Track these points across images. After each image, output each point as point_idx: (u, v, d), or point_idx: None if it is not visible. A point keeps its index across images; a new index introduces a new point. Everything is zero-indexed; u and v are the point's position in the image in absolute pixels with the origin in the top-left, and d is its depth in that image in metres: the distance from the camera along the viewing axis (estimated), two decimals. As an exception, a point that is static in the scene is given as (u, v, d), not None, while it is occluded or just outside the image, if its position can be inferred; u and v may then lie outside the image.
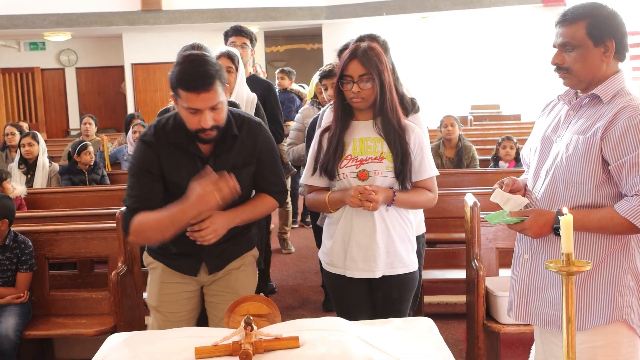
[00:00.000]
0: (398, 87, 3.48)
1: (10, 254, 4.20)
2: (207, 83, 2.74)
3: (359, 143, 3.08)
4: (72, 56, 16.86)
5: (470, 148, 7.07)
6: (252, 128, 3.06)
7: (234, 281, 3.19)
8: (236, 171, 2.88)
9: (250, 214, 3.10)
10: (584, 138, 2.45)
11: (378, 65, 3.03)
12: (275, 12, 14.23)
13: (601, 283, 2.49)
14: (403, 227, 3.15)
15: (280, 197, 3.22)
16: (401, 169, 3.03)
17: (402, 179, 3.05)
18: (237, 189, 2.76)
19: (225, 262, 3.17)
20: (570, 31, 2.48)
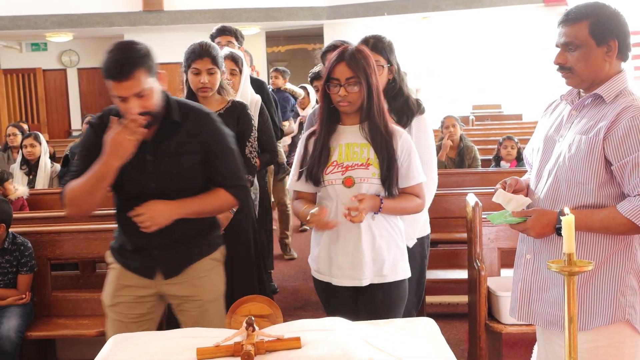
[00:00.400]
0: (403, 89, 3.50)
1: (10, 256, 4.20)
2: (126, 71, 2.76)
3: (344, 148, 3.02)
4: (73, 57, 16.88)
5: (472, 148, 7.06)
6: (198, 117, 3.03)
7: (197, 287, 3.11)
8: (176, 158, 2.92)
9: (199, 207, 3.02)
10: (586, 138, 2.45)
11: (365, 68, 2.96)
12: (276, 13, 14.24)
13: (604, 283, 2.49)
14: (391, 233, 3.09)
15: (236, 191, 3.10)
16: (387, 175, 2.97)
17: (388, 186, 2.98)
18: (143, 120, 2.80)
19: (180, 266, 3.09)
20: (573, 31, 2.48)
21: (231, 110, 3.95)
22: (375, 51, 3.39)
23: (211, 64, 3.82)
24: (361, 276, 3.03)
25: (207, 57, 3.80)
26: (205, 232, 3.15)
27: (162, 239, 2.99)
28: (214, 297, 3.15)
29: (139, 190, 2.95)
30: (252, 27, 14.89)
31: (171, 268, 3.09)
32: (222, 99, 3.98)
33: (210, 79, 3.83)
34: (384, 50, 3.46)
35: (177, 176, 2.95)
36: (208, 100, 3.90)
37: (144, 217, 2.88)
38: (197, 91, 3.86)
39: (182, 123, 2.96)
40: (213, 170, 3.05)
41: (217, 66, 3.86)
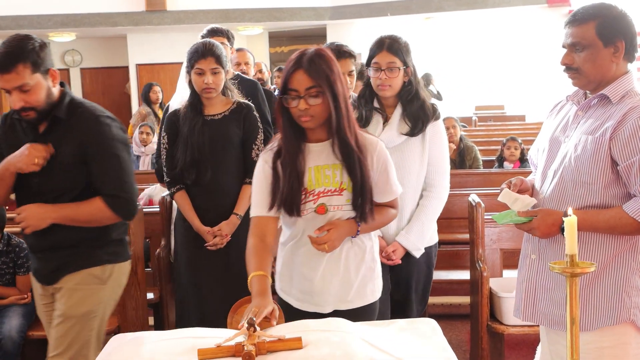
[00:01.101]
0: (420, 92, 3.44)
1: (6, 258, 4.19)
2: (7, 64, 2.76)
3: (314, 172, 2.62)
4: (76, 57, 16.89)
5: (472, 148, 7.05)
6: (84, 116, 2.95)
7: (63, 300, 3.02)
8: (54, 154, 2.91)
9: (72, 213, 2.91)
10: (592, 138, 2.45)
11: (328, 75, 2.53)
12: (279, 13, 14.23)
13: (609, 284, 2.49)
14: (358, 254, 2.74)
15: (113, 202, 2.92)
16: (360, 203, 2.61)
17: (360, 214, 2.63)
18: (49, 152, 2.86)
19: (56, 274, 3.02)
20: (580, 31, 2.48)
21: (236, 112, 3.84)
22: (391, 52, 3.35)
23: (215, 64, 3.70)
24: (322, 303, 2.74)
25: (210, 57, 3.69)
26: (91, 244, 3.02)
27: (40, 242, 2.97)
28: (80, 314, 3.01)
29: (27, 187, 2.95)
30: (255, 27, 14.89)
31: (46, 274, 3.04)
32: (226, 100, 3.87)
33: (214, 79, 3.72)
34: (400, 52, 3.38)
35: (53, 173, 2.91)
36: (212, 101, 3.81)
37: (19, 218, 2.88)
38: (201, 92, 3.75)
39: (65, 120, 2.92)
40: (90, 174, 2.94)
41: (222, 66, 3.74)
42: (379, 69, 3.37)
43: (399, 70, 3.36)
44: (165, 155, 3.84)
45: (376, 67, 3.38)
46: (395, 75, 3.36)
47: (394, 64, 3.35)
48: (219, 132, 3.76)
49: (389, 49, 3.36)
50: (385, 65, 3.35)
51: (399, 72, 3.36)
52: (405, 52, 3.40)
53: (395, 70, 3.35)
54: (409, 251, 3.44)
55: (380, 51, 3.38)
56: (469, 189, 5.35)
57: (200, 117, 3.76)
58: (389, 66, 3.35)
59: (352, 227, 2.64)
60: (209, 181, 3.74)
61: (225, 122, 3.80)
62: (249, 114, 3.88)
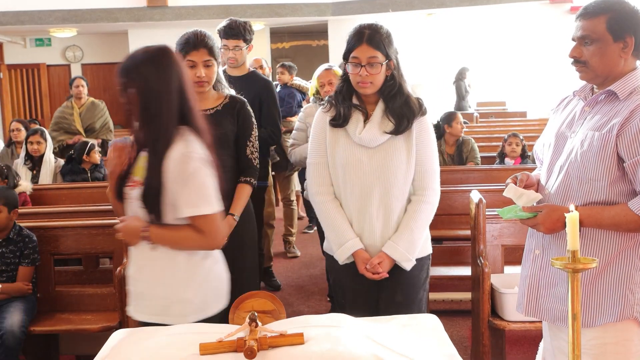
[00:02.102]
0: (403, 87, 3.14)
1: (14, 247, 4.21)
2: None
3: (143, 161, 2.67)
4: (77, 52, 16.87)
5: (469, 141, 7.04)
6: None
7: None
8: None
9: None
10: (599, 134, 2.45)
11: None
12: (281, 9, 14.21)
13: (612, 280, 2.49)
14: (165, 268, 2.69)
15: None
16: (147, 203, 2.61)
17: (150, 211, 2.62)
18: None
19: None
20: (590, 25, 2.48)
21: (229, 107, 3.65)
22: (372, 45, 3.02)
23: (208, 55, 3.48)
24: (141, 311, 2.79)
25: (203, 48, 3.47)
26: None
27: None
28: None
29: None
30: (257, 23, 14.86)
31: None
32: (218, 94, 3.68)
33: (207, 72, 3.49)
34: (382, 44, 3.04)
35: None
36: (204, 95, 3.57)
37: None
38: (193, 85, 3.42)
39: None
40: None
41: (214, 57, 3.53)
42: (358, 64, 3.04)
43: (381, 65, 3.04)
44: None
45: (355, 62, 3.05)
46: (377, 71, 3.04)
47: (376, 58, 3.03)
48: (211, 127, 3.45)
49: (370, 42, 3.03)
50: (366, 60, 3.03)
51: (381, 67, 3.05)
52: (387, 43, 3.06)
53: (377, 65, 3.03)
54: (398, 262, 3.11)
55: (359, 44, 3.04)
56: (470, 185, 5.35)
57: None
58: (370, 61, 3.03)
59: (137, 226, 2.64)
60: None
61: (218, 117, 3.58)
62: (242, 109, 3.69)
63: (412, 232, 3.10)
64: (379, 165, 2.97)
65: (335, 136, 3.15)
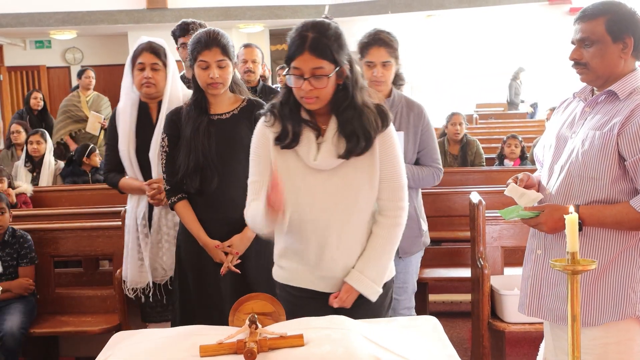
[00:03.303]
0: (357, 98, 2.57)
1: (11, 249, 4.20)
2: None
3: None
4: (77, 54, 16.87)
5: (474, 142, 7.06)
6: None
7: None
8: None
9: None
10: (600, 133, 2.46)
11: None
12: (280, 10, 14.22)
13: (614, 279, 2.50)
14: None
15: None
16: None
17: None
18: None
19: None
20: (589, 27, 2.49)
21: (247, 111, 3.36)
22: (316, 54, 2.45)
23: (221, 55, 3.26)
24: None
25: (215, 47, 3.24)
26: None
27: None
28: None
29: None
30: (256, 24, 14.89)
31: None
32: (235, 97, 3.43)
33: (220, 72, 3.26)
34: (328, 50, 2.47)
35: None
36: (219, 98, 3.35)
37: None
38: (206, 88, 3.28)
39: None
40: None
41: (229, 57, 3.31)
42: (300, 76, 2.48)
43: (327, 78, 2.48)
44: (165, 159, 3.38)
45: (297, 74, 2.49)
46: (324, 84, 2.48)
47: (322, 69, 2.47)
48: (227, 133, 3.32)
49: (314, 50, 2.46)
50: (309, 72, 2.47)
51: (328, 79, 2.48)
52: (336, 48, 2.49)
53: (323, 78, 2.47)
54: (364, 295, 2.64)
55: (300, 52, 2.47)
56: (469, 187, 5.35)
57: (206, 117, 3.31)
58: (315, 73, 2.47)
59: None
60: (215, 190, 3.28)
61: (234, 122, 3.35)
62: None
63: (379, 260, 2.65)
64: (337, 191, 2.58)
65: (282, 157, 2.62)
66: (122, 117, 3.76)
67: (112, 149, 3.80)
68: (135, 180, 3.73)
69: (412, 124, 3.62)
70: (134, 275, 3.74)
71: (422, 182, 3.66)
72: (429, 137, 3.67)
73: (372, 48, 3.58)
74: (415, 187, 3.63)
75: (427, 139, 3.66)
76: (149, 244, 3.68)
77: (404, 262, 3.68)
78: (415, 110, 3.65)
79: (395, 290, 3.47)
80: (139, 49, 3.65)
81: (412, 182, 3.42)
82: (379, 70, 3.56)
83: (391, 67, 3.60)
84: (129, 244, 3.77)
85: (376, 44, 3.57)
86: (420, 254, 3.82)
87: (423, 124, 3.64)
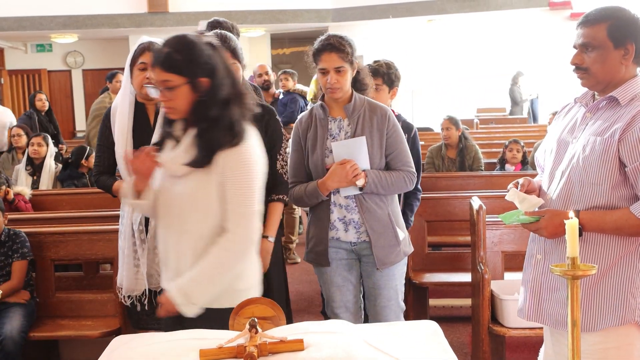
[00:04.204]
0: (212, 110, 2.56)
1: (5, 248, 4.21)
2: None
3: None
4: (78, 58, 16.90)
5: (473, 147, 7.01)
6: None
7: None
8: None
9: None
10: (601, 139, 2.46)
11: None
12: (281, 15, 14.25)
13: (614, 284, 2.50)
14: None
15: None
16: None
17: None
18: None
19: None
20: (591, 32, 2.49)
21: (257, 118, 3.00)
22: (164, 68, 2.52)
23: (231, 58, 3.18)
24: None
25: (225, 50, 2.96)
26: None
27: None
28: None
29: None
30: (257, 29, 14.92)
31: None
32: None
33: None
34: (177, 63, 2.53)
35: None
36: None
37: None
38: None
39: None
40: None
41: (238, 60, 3.28)
42: (155, 87, 2.63)
43: (177, 88, 2.53)
44: None
45: (151, 85, 2.71)
46: (173, 96, 2.54)
47: (170, 82, 2.52)
48: None
49: (162, 65, 2.52)
50: (161, 84, 2.55)
51: (178, 89, 2.53)
52: (188, 60, 2.52)
53: (174, 90, 2.53)
54: (176, 304, 2.56)
55: (152, 67, 2.59)
56: (470, 192, 5.35)
57: None
58: (166, 85, 2.53)
59: None
60: None
61: None
62: (272, 120, 3.44)
63: (197, 276, 2.56)
64: (179, 198, 2.62)
65: None
66: (118, 118, 3.53)
67: (104, 150, 3.62)
68: None
69: (376, 127, 3.44)
70: (130, 282, 3.51)
71: (391, 187, 3.44)
72: (396, 139, 3.49)
73: (323, 54, 3.43)
74: (386, 194, 3.46)
75: (394, 142, 3.48)
76: (145, 250, 3.46)
77: (384, 275, 3.51)
78: (378, 113, 3.47)
79: (379, 309, 3.49)
80: (140, 48, 3.47)
81: (381, 189, 3.39)
82: (333, 76, 3.39)
83: (346, 72, 3.41)
84: (125, 250, 3.53)
85: (326, 49, 3.43)
86: (401, 265, 3.58)
87: (388, 126, 3.46)
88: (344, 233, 3.48)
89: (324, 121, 3.49)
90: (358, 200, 3.43)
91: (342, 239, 3.49)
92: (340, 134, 3.47)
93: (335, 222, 3.48)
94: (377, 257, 3.44)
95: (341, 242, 3.50)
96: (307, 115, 3.59)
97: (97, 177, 3.71)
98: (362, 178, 3.34)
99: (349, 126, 3.46)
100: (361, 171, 3.35)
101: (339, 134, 3.47)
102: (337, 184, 3.37)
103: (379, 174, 3.40)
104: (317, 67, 3.48)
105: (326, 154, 3.45)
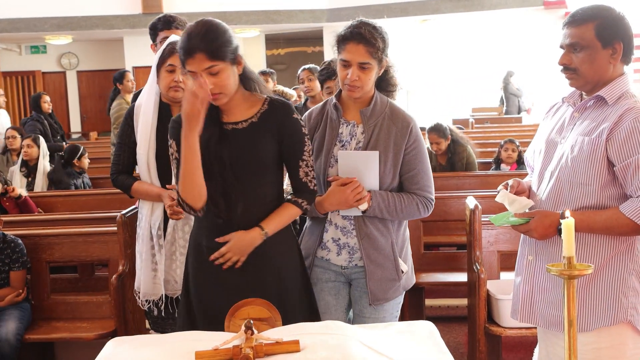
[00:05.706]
0: None
1: (2, 254, 4.19)
2: None
3: None
4: (73, 59, 16.89)
5: (465, 152, 6.69)
6: None
7: None
8: None
9: None
10: (589, 139, 2.46)
11: None
12: (276, 15, 14.26)
13: (606, 284, 2.50)
14: None
15: None
16: None
17: None
18: None
19: None
20: (579, 32, 2.49)
21: (269, 116, 2.70)
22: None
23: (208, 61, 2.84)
24: None
25: None
26: None
27: None
28: None
29: None
30: (252, 29, 14.92)
31: None
32: (253, 97, 2.74)
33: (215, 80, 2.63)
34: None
35: None
36: (231, 103, 2.67)
37: None
38: None
39: None
40: None
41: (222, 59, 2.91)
42: None
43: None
44: (177, 168, 2.70)
45: None
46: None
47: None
48: (246, 147, 2.68)
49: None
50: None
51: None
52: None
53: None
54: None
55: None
56: (465, 191, 5.35)
57: (217, 127, 2.68)
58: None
59: None
60: (240, 216, 2.68)
61: (253, 133, 2.69)
62: (287, 118, 2.71)
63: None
64: None
65: None
66: (142, 118, 3.40)
67: (125, 148, 3.46)
68: (152, 185, 3.37)
69: (394, 141, 2.89)
70: (147, 287, 3.38)
71: (399, 214, 2.90)
72: (416, 158, 2.92)
73: (349, 44, 2.87)
74: (392, 220, 2.94)
75: (413, 160, 2.92)
76: (163, 255, 3.33)
77: (376, 311, 2.99)
78: (399, 124, 2.91)
79: None
80: (169, 49, 3.32)
81: (387, 214, 2.88)
82: (355, 72, 2.83)
83: (371, 70, 2.86)
84: (143, 254, 3.38)
85: (354, 39, 2.87)
86: (397, 301, 3.04)
87: (409, 141, 2.90)
88: (335, 256, 2.98)
89: (335, 123, 2.96)
90: (357, 223, 2.92)
91: (332, 261, 3.00)
92: (351, 142, 2.93)
93: (327, 242, 2.99)
94: (372, 291, 2.93)
95: (331, 263, 3.00)
96: (318, 110, 3.05)
97: (115, 176, 3.51)
98: (366, 202, 2.83)
99: (362, 134, 2.92)
100: (366, 193, 2.84)
101: (350, 142, 2.94)
102: (335, 207, 2.88)
103: (387, 197, 2.87)
104: (338, 55, 2.92)
105: (331, 163, 2.93)
